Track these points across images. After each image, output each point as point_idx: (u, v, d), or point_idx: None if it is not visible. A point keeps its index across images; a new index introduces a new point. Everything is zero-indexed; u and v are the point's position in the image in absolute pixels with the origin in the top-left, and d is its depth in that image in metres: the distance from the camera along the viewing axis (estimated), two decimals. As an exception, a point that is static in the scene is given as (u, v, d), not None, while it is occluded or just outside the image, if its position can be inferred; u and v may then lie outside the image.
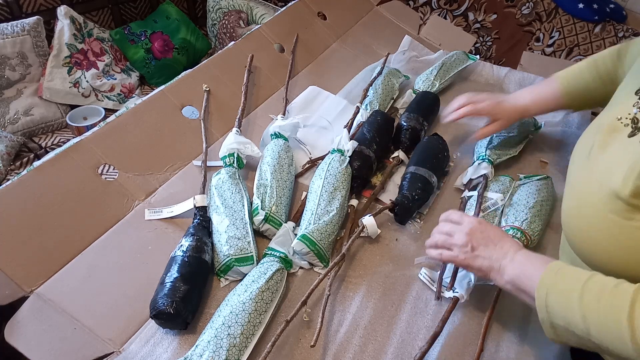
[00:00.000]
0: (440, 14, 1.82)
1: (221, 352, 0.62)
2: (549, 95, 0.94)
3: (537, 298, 0.59)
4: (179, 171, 0.91)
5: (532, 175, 0.95)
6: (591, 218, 0.61)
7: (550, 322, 0.59)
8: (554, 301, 0.58)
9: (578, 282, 0.57)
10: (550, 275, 0.60)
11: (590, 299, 0.55)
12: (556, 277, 0.59)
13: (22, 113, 1.67)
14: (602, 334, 0.54)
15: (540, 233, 0.85)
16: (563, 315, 0.57)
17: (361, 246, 0.86)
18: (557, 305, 0.58)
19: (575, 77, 0.92)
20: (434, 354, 0.71)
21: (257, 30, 1.23)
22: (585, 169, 0.66)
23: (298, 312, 0.68)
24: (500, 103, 0.96)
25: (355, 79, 1.24)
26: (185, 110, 1.00)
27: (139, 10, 2.08)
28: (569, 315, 0.56)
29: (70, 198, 0.79)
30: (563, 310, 0.57)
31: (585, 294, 0.55)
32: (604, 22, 1.70)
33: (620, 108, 0.67)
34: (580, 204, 0.65)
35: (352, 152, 0.92)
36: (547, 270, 0.60)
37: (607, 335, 0.53)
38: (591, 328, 0.54)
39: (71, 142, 0.85)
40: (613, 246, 0.58)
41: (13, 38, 1.61)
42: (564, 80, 0.93)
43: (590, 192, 0.62)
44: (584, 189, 0.65)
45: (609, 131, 0.65)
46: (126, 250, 0.77)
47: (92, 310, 0.70)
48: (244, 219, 0.79)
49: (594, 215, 0.60)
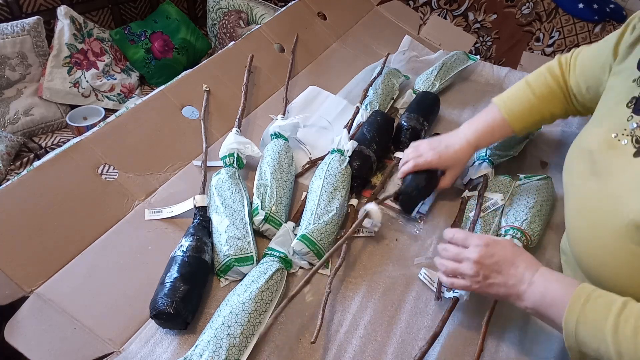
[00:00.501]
0: (440, 14, 1.82)
1: (221, 352, 0.62)
2: (491, 122, 0.87)
3: (564, 328, 0.56)
4: (179, 171, 0.91)
5: (532, 175, 0.94)
6: (608, 247, 0.59)
7: (579, 351, 0.56)
8: (584, 333, 0.55)
9: (611, 312, 0.54)
10: (579, 304, 0.56)
11: (626, 333, 0.52)
12: (585, 307, 0.56)
13: (22, 113, 1.67)
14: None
15: (540, 233, 0.85)
16: (595, 348, 0.54)
17: (361, 246, 0.86)
18: (588, 337, 0.55)
19: (512, 97, 0.87)
20: (434, 354, 0.71)
21: (257, 30, 1.24)
22: (593, 191, 0.64)
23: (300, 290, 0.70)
24: (442, 154, 0.87)
25: (355, 79, 1.24)
26: (185, 110, 1.00)
27: (139, 10, 2.08)
28: (602, 348, 0.53)
29: (70, 198, 0.79)
30: (595, 342, 0.54)
31: (620, 328, 0.52)
32: (604, 22, 1.70)
33: (611, 122, 0.65)
34: (595, 231, 0.62)
35: (351, 152, 0.92)
36: (574, 297, 0.56)
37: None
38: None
39: (71, 142, 0.85)
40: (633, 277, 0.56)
41: (13, 38, 1.61)
42: (500, 102, 0.87)
43: (604, 219, 0.60)
44: (597, 215, 0.62)
45: (607, 148, 0.63)
46: (126, 250, 0.77)
47: (92, 310, 0.70)
48: (244, 219, 0.79)
49: (611, 244, 0.58)
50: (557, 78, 0.85)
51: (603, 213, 0.60)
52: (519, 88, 0.88)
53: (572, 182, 0.70)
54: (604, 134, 0.64)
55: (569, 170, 0.71)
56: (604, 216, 0.60)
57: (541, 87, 0.85)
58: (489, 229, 0.85)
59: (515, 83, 0.90)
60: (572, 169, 0.71)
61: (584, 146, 0.69)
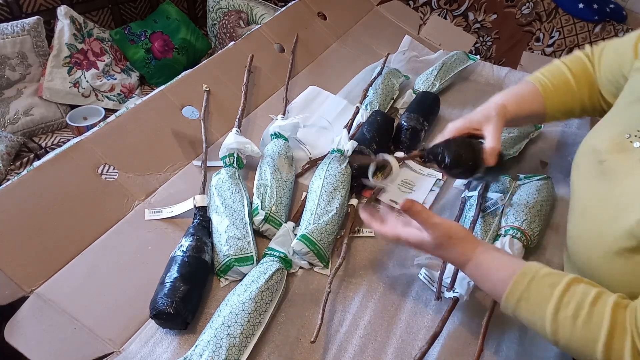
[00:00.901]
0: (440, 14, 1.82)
1: (221, 351, 0.62)
2: (523, 91, 0.83)
3: (505, 301, 0.59)
4: (179, 171, 0.91)
5: (532, 175, 0.94)
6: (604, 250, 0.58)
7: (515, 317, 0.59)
8: (525, 310, 0.57)
9: (554, 293, 0.55)
10: (524, 283, 0.58)
11: (565, 316, 0.54)
12: (530, 285, 0.57)
13: (22, 113, 1.67)
14: (574, 352, 0.54)
15: (540, 233, 0.85)
16: (532, 322, 0.57)
17: (361, 246, 0.86)
18: (527, 314, 0.57)
19: (548, 71, 0.84)
20: (434, 354, 0.71)
21: (257, 30, 1.24)
22: (597, 192, 0.63)
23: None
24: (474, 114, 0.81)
25: (355, 79, 1.24)
26: (185, 110, 1.00)
27: (139, 10, 2.08)
28: (539, 324, 0.56)
29: (70, 198, 0.79)
30: (533, 319, 0.57)
31: (561, 311, 0.54)
32: (604, 22, 1.70)
33: (625, 122, 0.63)
34: (594, 232, 0.62)
35: (351, 152, 0.92)
36: (520, 275, 0.58)
37: (580, 355, 0.54)
38: (561, 342, 0.55)
39: (71, 142, 0.85)
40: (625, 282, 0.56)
41: (13, 38, 1.61)
42: (536, 78, 0.84)
43: (604, 223, 0.59)
44: (598, 217, 0.61)
45: (619, 150, 0.61)
46: (126, 250, 0.77)
47: (92, 310, 0.70)
48: (243, 219, 0.79)
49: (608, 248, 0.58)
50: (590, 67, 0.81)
51: (604, 216, 0.60)
52: (554, 66, 0.84)
53: (578, 180, 0.70)
54: (617, 134, 0.63)
55: (577, 169, 0.70)
56: (605, 219, 0.59)
57: (578, 69, 0.81)
58: (489, 229, 0.85)
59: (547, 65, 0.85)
60: (580, 167, 0.70)
61: (594, 145, 0.68)
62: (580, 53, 0.83)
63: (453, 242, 0.64)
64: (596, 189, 0.63)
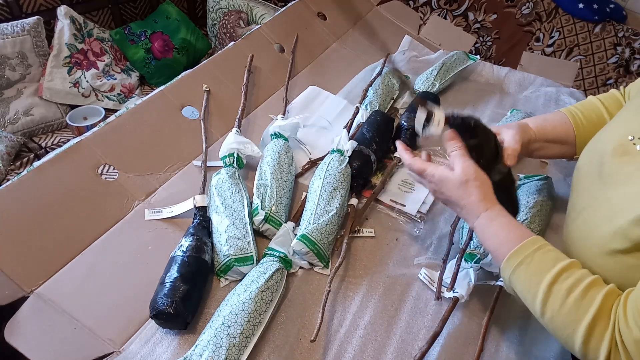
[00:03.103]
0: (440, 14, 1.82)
1: (221, 351, 0.62)
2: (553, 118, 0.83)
3: (506, 261, 0.60)
4: (179, 171, 0.91)
5: (532, 175, 0.95)
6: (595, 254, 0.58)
7: (511, 286, 0.62)
8: (523, 273, 0.59)
9: (556, 266, 0.57)
10: (530, 249, 0.60)
11: (560, 289, 0.56)
12: (535, 253, 0.59)
13: (22, 113, 1.67)
14: (556, 327, 0.56)
15: (540, 233, 0.85)
16: (525, 289, 0.59)
17: (361, 246, 0.86)
18: (524, 278, 0.59)
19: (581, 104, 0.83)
20: (434, 354, 0.71)
21: (257, 30, 1.24)
22: (596, 196, 0.63)
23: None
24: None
25: (355, 79, 1.24)
26: (185, 111, 1.00)
27: (139, 10, 2.08)
28: (532, 292, 0.58)
29: (70, 198, 0.79)
30: (528, 286, 0.58)
31: (557, 283, 0.56)
32: (604, 22, 1.70)
33: (631, 125, 0.63)
34: (588, 233, 0.62)
35: (351, 152, 0.92)
36: (528, 242, 0.60)
37: (561, 332, 0.56)
38: (547, 315, 0.56)
39: (71, 142, 0.85)
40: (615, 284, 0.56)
41: (13, 38, 1.61)
42: (567, 109, 0.83)
43: (596, 226, 0.60)
44: (590, 221, 0.62)
45: (621, 153, 0.61)
46: (126, 250, 0.77)
47: (92, 310, 0.70)
48: (243, 219, 0.79)
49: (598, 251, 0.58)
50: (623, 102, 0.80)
51: (599, 218, 0.60)
52: (587, 101, 0.84)
53: (578, 182, 0.69)
54: (621, 136, 0.63)
55: (578, 170, 0.70)
56: (600, 221, 0.59)
57: (611, 102, 0.81)
58: (489, 229, 0.85)
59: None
60: (581, 169, 0.70)
61: (598, 147, 0.68)
62: (614, 91, 0.83)
63: (477, 184, 0.66)
64: (594, 191, 0.64)
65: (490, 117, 1.20)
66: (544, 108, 1.25)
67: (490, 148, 0.72)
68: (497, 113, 1.22)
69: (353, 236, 0.86)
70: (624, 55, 1.71)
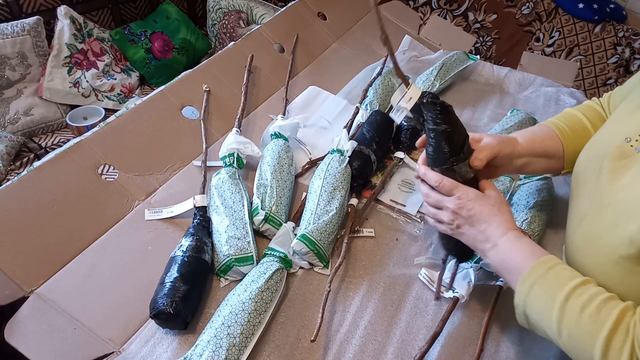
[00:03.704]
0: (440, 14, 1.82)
1: (221, 351, 0.62)
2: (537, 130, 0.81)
3: (520, 284, 0.59)
4: (179, 171, 0.91)
5: (532, 176, 0.95)
6: (601, 263, 0.58)
7: (524, 313, 0.59)
8: (537, 294, 0.57)
9: (568, 283, 0.56)
10: (542, 269, 0.58)
11: (574, 306, 0.54)
12: (548, 272, 0.58)
13: (22, 113, 1.67)
14: (575, 345, 0.54)
15: (540, 233, 0.85)
16: (540, 311, 0.57)
17: (361, 246, 0.86)
18: (538, 299, 0.57)
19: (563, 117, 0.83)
20: (434, 354, 0.71)
21: (257, 31, 1.24)
22: (597, 201, 0.61)
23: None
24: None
25: (355, 79, 1.24)
26: (185, 111, 1.00)
27: (139, 10, 2.08)
28: (547, 313, 0.56)
29: (70, 198, 0.79)
30: (542, 306, 0.57)
31: (572, 299, 0.54)
32: (604, 22, 1.71)
33: (626, 127, 0.63)
34: (590, 245, 0.61)
35: (351, 152, 0.92)
36: (540, 262, 0.59)
37: (580, 350, 0.53)
38: (564, 333, 0.54)
39: (71, 142, 0.85)
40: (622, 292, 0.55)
41: (13, 38, 1.61)
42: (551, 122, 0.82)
43: (601, 234, 0.58)
44: (594, 229, 0.60)
45: (620, 156, 0.60)
46: (126, 250, 0.77)
47: (92, 310, 0.70)
48: (243, 219, 0.79)
49: (604, 260, 0.57)
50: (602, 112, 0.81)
51: (603, 224, 0.58)
52: (567, 113, 0.83)
53: (577, 189, 0.68)
54: (617, 139, 0.62)
55: (576, 178, 0.69)
56: (604, 227, 0.58)
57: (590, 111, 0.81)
58: (489, 229, 0.85)
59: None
60: (579, 176, 0.68)
61: (594, 152, 0.67)
62: (589, 102, 0.83)
63: (507, 209, 0.66)
64: (595, 198, 0.62)
65: (490, 117, 1.20)
66: (544, 108, 1.25)
67: (459, 141, 0.65)
68: (497, 113, 1.22)
69: (353, 236, 0.86)
70: (624, 55, 1.71)
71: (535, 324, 0.59)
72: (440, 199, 0.67)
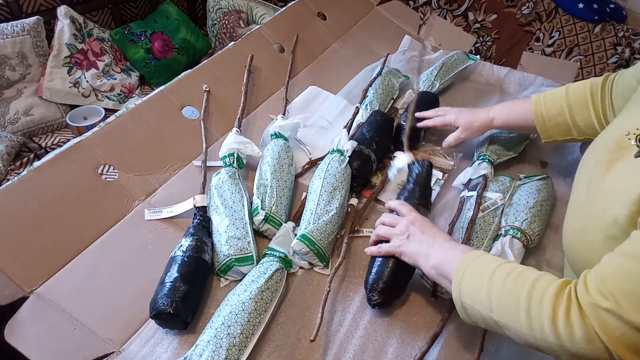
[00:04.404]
0: (440, 14, 1.82)
1: (221, 351, 0.62)
2: (519, 109, 0.93)
3: (454, 277, 0.63)
4: (179, 171, 0.91)
5: (532, 175, 0.95)
6: (592, 244, 0.59)
7: (461, 302, 0.63)
8: (468, 280, 0.62)
9: (494, 263, 0.61)
10: (471, 258, 0.64)
11: (499, 275, 0.59)
12: (476, 260, 0.64)
13: (22, 113, 1.67)
14: (502, 308, 0.57)
15: (540, 233, 0.85)
16: (472, 293, 0.61)
17: (361, 246, 0.85)
18: (469, 283, 0.62)
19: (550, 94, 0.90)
20: (434, 354, 0.71)
21: (257, 31, 1.24)
22: (592, 188, 0.64)
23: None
24: (462, 110, 1.01)
25: (355, 79, 1.24)
26: (185, 111, 1.00)
27: (139, 10, 2.08)
28: (477, 292, 0.60)
29: (70, 198, 0.79)
30: (473, 287, 0.61)
31: (496, 273, 0.60)
32: (604, 22, 1.71)
33: (628, 122, 0.65)
34: (583, 229, 0.63)
35: (351, 152, 0.92)
36: (470, 254, 0.65)
37: (506, 311, 0.57)
38: (493, 303, 0.58)
39: (71, 142, 0.85)
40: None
41: (13, 38, 1.61)
42: (536, 99, 0.91)
43: (592, 217, 0.61)
44: (587, 212, 0.63)
45: (617, 149, 0.63)
46: (126, 250, 0.77)
47: (92, 310, 0.70)
48: (243, 219, 0.79)
49: (594, 240, 0.58)
50: (595, 91, 0.85)
51: (594, 208, 0.61)
52: (559, 89, 0.90)
53: (578, 177, 0.71)
54: (619, 133, 0.65)
55: (580, 168, 0.72)
56: (595, 211, 0.60)
57: (577, 94, 0.86)
58: (489, 228, 0.85)
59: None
60: (582, 168, 0.71)
61: (597, 146, 0.70)
62: (587, 82, 0.87)
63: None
64: (590, 184, 0.65)
65: (490, 117, 1.20)
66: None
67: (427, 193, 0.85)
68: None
69: (353, 236, 0.86)
70: (624, 55, 1.71)
71: (472, 312, 0.62)
72: (395, 218, 0.77)
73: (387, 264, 0.75)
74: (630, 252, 0.50)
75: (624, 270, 0.49)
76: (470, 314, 0.62)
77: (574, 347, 0.51)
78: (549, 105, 0.89)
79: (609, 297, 0.49)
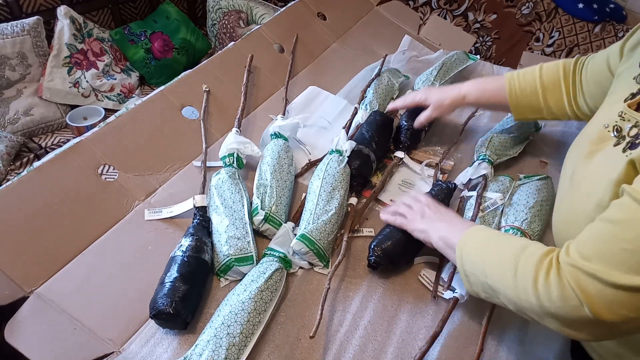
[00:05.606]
0: (440, 14, 1.82)
1: (220, 351, 0.62)
2: (492, 87, 0.94)
3: (457, 246, 0.67)
4: (179, 171, 0.91)
5: (532, 175, 0.95)
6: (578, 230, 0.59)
7: (463, 269, 0.66)
8: (468, 248, 0.66)
9: (494, 234, 0.67)
10: (475, 229, 0.69)
11: (495, 243, 0.64)
12: (479, 231, 0.68)
13: (22, 113, 1.67)
14: (494, 271, 0.61)
15: (540, 233, 0.85)
16: (471, 259, 0.65)
17: (361, 246, 0.86)
18: (470, 250, 0.66)
19: (524, 73, 0.92)
20: (434, 354, 0.71)
21: (257, 31, 1.24)
22: (575, 177, 0.66)
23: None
24: (431, 88, 1.03)
25: (355, 79, 1.24)
26: (185, 111, 1.00)
27: (139, 10, 2.08)
28: (474, 258, 0.65)
29: (70, 198, 0.79)
30: (472, 254, 0.65)
31: (493, 241, 0.64)
32: (604, 22, 1.71)
33: (606, 115, 0.67)
34: (570, 215, 0.65)
35: (349, 152, 0.92)
36: (475, 226, 0.70)
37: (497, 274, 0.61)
38: (487, 268, 0.62)
39: (71, 142, 0.85)
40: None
41: (13, 38, 1.61)
42: (510, 77, 0.92)
43: (577, 203, 0.63)
44: (572, 200, 0.65)
45: (598, 141, 0.65)
46: (126, 250, 0.77)
47: (92, 310, 0.70)
48: (243, 219, 0.79)
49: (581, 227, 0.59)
50: (567, 73, 0.87)
51: (578, 196, 0.63)
52: (532, 68, 0.91)
53: (564, 168, 0.74)
54: (599, 125, 0.67)
55: (565, 160, 0.75)
56: (579, 200, 0.63)
57: (549, 74, 0.88)
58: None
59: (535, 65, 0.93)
60: (566, 165, 0.74)
61: (582, 137, 0.72)
62: (560, 62, 0.89)
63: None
64: (574, 175, 0.67)
65: (490, 117, 1.20)
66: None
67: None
68: (497, 113, 1.21)
69: (353, 236, 0.86)
70: (623, 55, 1.71)
71: (473, 279, 0.65)
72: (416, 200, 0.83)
73: (396, 233, 0.81)
74: (606, 217, 0.53)
75: (601, 234, 0.53)
76: (472, 282, 0.66)
77: (552, 306, 0.54)
78: (522, 84, 0.90)
79: (586, 257, 0.52)
